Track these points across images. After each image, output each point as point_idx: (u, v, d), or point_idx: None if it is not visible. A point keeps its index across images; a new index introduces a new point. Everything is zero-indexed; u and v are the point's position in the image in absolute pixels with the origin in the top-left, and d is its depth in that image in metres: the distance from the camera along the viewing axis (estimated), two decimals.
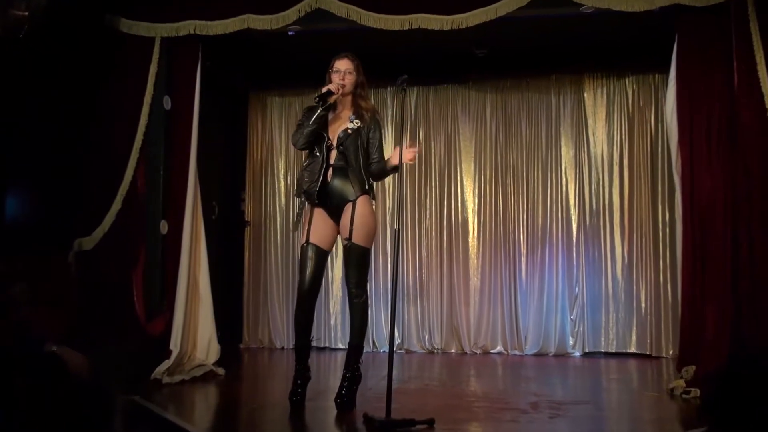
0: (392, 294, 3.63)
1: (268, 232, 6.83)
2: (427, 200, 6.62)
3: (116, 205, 4.98)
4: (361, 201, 3.87)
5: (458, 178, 6.59)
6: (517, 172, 6.48)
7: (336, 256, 6.37)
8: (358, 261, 3.85)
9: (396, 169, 3.89)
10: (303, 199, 3.94)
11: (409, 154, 3.86)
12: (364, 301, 3.88)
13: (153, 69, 5.09)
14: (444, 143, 6.64)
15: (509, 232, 6.44)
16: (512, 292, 6.37)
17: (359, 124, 3.91)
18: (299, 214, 3.96)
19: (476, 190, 6.55)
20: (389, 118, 6.67)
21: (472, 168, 6.58)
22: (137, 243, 5.07)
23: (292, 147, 6.78)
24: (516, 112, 6.55)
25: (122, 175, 5.00)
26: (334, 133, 3.91)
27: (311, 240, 3.88)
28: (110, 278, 4.99)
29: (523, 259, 6.39)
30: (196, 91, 5.20)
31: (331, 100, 3.89)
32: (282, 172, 6.88)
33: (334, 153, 3.88)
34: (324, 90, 3.86)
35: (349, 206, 3.86)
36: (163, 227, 5.15)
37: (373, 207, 3.98)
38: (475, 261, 6.48)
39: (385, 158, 4.01)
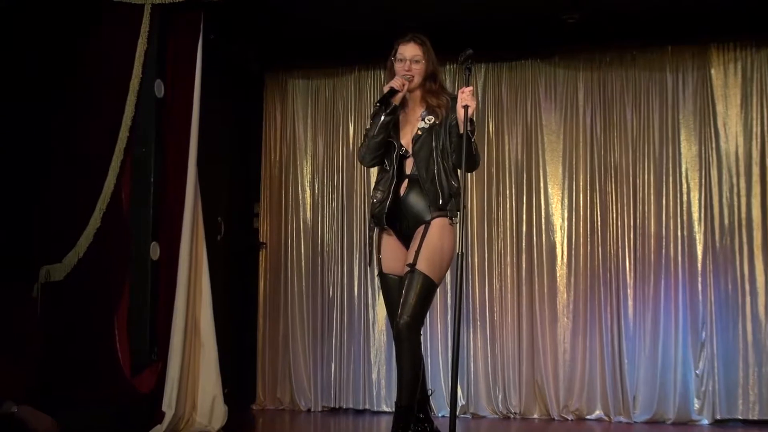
0: (454, 340, 3.59)
1: (289, 257, 6.85)
2: (500, 214, 6.57)
3: (94, 222, 5.06)
4: (437, 224, 3.89)
5: (541, 184, 6.53)
6: (620, 177, 6.40)
7: (378, 290, 6.36)
8: (417, 291, 3.82)
9: (461, 136, 3.75)
10: (372, 224, 4.01)
11: (465, 95, 3.74)
12: (416, 346, 3.85)
13: (141, 46, 5.17)
14: (522, 138, 6.59)
15: (611, 256, 6.35)
16: (616, 337, 6.26)
17: (432, 120, 3.94)
18: (371, 244, 4.03)
19: (565, 201, 6.49)
20: None
21: (560, 171, 6.51)
22: (121, 272, 5.13)
23: (320, 145, 6.90)
24: (619, 96, 6.48)
25: (101, 183, 5.08)
26: (407, 137, 3.98)
27: (386, 270, 4.03)
28: (86, 318, 5.05)
29: (630, 293, 6.28)
30: (196, 73, 5.25)
31: (397, 100, 3.93)
32: (308, 177, 6.92)
33: (409, 162, 3.97)
34: (386, 89, 3.89)
35: (421, 227, 3.91)
36: (154, 251, 5.21)
37: (454, 227, 3.93)
38: (565, 296, 6.40)
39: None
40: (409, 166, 3.95)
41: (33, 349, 4.88)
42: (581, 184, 6.46)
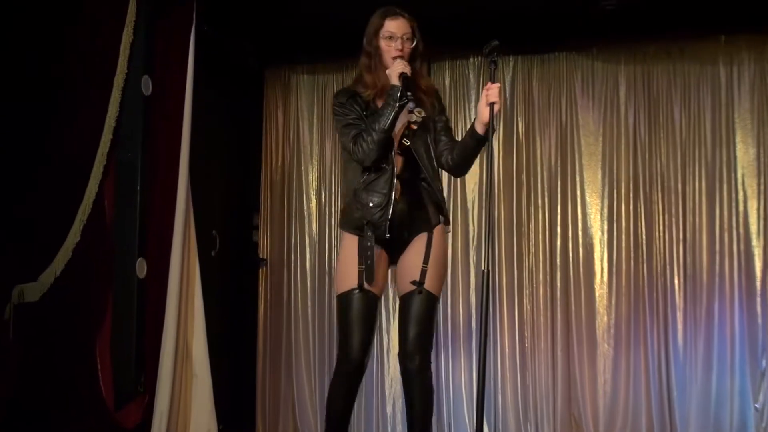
0: (479, 368, 3.57)
1: (293, 275, 6.85)
2: (531, 226, 6.56)
3: (73, 236, 5.05)
4: (439, 232, 3.95)
5: (578, 192, 6.52)
6: (668, 184, 6.38)
7: (394, 313, 6.36)
8: (428, 317, 3.87)
9: (485, 140, 3.78)
10: (369, 233, 3.87)
11: (492, 91, 3.74)
12: (429, 378, 3.89)
13: (127, 37, 5.17)
14: (556, 141, 6.59)
15: (657, 274, 6.33)
16: (663, 365, 6.23)
17: (422, 114, 3.94)
18: (370, 257, 3.89)
19: (605, 212, 6.47)
20: (472, 104, 6.65)
21: (599, 178, 6.50)
22: (103, 292, 5.13)
23: (327, 149, 6.90)
24: (665, 92, 6.47)
25: (82, 191, 5.08)
26: (396, 133, 3.94)
27: (364, 284, 3.88)
28: (64, 344, 5.05)
29: (680, 316, 6.26)
30: (188, 68, 5.27)
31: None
32: (314, 185, 6.93)
33: (399, 161, 3.93)
34: (397, 74, 3.83)
35: (422, 238, 3.91)
36: (141, 269, 5.21)
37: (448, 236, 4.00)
38: (605, 318, 6.38)
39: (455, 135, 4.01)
40: (399, 165, 3.91)
41: (5, 379, 4.88)
42: (623, 192, 6.45)
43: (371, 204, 3.86)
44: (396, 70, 3.84)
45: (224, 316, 6.36)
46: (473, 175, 6.52)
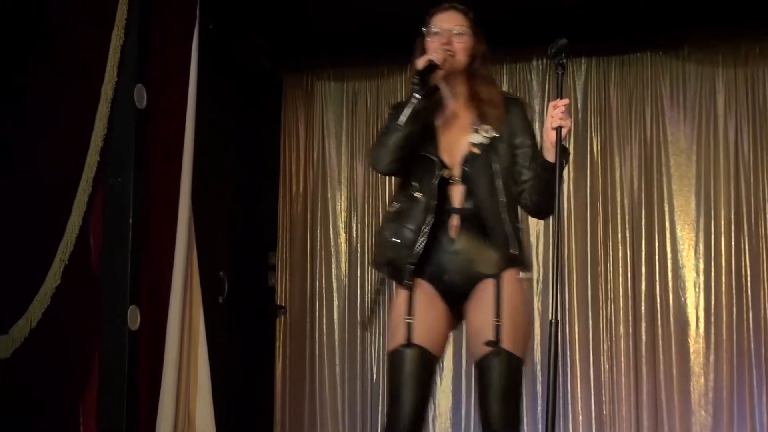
0: None
1: (318, 325, 6.86)
2: (610, 267, 6.54)
3: (52, 279, 5.09)
4: (510, 277, 3.83)
5: (666, 224, 6.50)
6: None
7: (441, 373, 6.34)
8: (512, 385, 3.78)
9: (554, 166, 3.64)
10: (385, 275, 3.88)
11: (558, 111, 3.71)
12: None
13: (117, 39, 5.22)
14: (639, 161, 6.58)
15: (766, 324, 6.28)
16: None
17: (490, 132, 3.86)
18: (375, 300, 3.89)
19: (700, 248, 6.44)
20: (535, 115, 6.64)
21: (693, 206, 6.48)
22: (88, 347, 5.16)
23: (359, 171, 6.90)
24: None
25: (62, 225, 5.12)
26: (452, 152, 3.86)
27: (415, 339, 3.82)
28: (41, 409, 5.08)
29: None
30: (191, 76, 5.31)
31: (437, 79, 3.85)
32: (343, 216, 6.95)
33: (458, 191, 3.84)
34: (422, 63, 3.81)
35: (488, 285, 3.81)
36: (133, 319, 5.24)
37: (528, 281, 3.97)
38: (702, 380, 6.33)
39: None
40: (457, 196, 3.82)
41: None
42: (722, 223, 6.43)
43: (395, 239, 3.83)
44: (425, 57, 3.76)
45: (234, 375, 6.37)
46: None
